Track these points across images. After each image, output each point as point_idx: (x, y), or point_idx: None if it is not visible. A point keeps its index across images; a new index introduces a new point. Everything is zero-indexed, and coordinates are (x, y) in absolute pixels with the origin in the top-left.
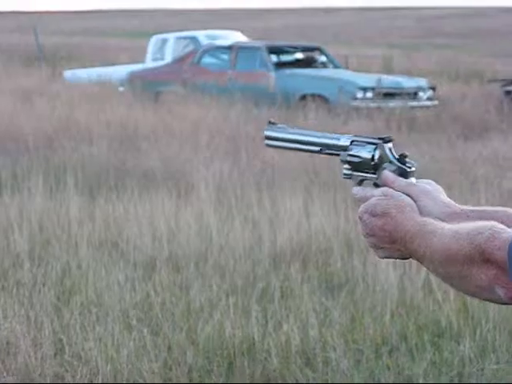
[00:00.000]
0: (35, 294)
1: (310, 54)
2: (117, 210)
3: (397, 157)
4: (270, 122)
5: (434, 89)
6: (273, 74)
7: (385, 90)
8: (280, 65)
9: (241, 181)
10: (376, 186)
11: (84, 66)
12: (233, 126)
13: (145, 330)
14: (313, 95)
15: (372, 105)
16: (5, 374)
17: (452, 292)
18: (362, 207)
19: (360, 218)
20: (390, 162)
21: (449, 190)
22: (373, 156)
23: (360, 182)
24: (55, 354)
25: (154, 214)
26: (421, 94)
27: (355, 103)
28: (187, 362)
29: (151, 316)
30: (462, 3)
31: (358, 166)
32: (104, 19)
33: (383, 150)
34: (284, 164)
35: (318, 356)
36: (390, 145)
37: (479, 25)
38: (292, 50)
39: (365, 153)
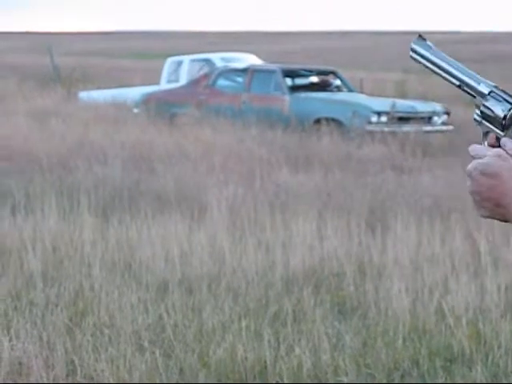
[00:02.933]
0: (48, 314)
1: (324, 77)
2: (130, 232)
3: None
4: (419, 36)
5: (448, 113)
6: (287, 98)
7: (399, 115)
8: (295, 88)
9: (254, 204)
10: (498, 141)
11: (99, 88)
12: (247, 148)
13: (157, 352)
14: (327, 119)
15: (386, 129)
16: None
17: (464, 317)
18: (473, 163)
19: (469, 174)
20: None
21: (462, 214)
22: (505, 116)
23: (486, 134)
24: (67, 375)
25: (167, 235)
26: (435, 118)
27: (369, 127)
28: None
29: (163, 338)
30: (474, 28)
31: (489, 118)
32: (119, 40)
33: None
34: (297, 187)
35: (330, 380)
36: None
37: (492, 50)
38: (307, 73)
39: (499, 110)
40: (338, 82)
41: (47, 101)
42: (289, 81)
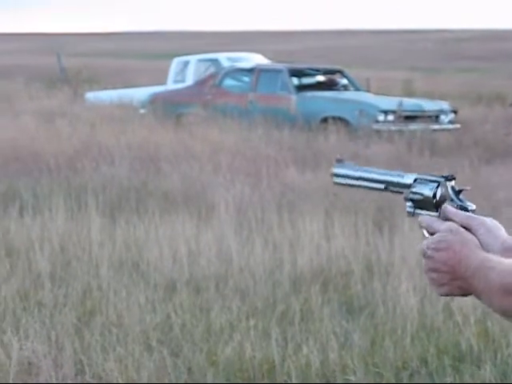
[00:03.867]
0: (56, 314)
1: (331, 76)
2: (137, 232)
3: (459, 195)
4: (337, 160)
5: (455, 112)
6: (294, 97)
7: (406, 113)
8: (301, 87)
9: (261, 203)
10: None
11: (106, 88)
12: (253, 148)
13: (165, 351)
14: (334, 118)
15: (393, 128)
16: None
17: (472, 315)
18: (425, 242)
19: (423, 254)
20: (452, 200)
21: None
22: (434, 194)
23: None
24: (76, 375)
25: (175, 235)
26: (442, 117)
27: (376, 126)
28: None
29: (171, 337)
30: (482, 26)
31: (421, 203)
32: (125, 41)
33: (445, 188)
34: (304, 186)
35: (338, 379)
36: (452, 183)
37: (500, 48)
38: (313, 72)
39: (427, 190)
40: (344, 81)
41: (54, 101)
42: (295, 80)
